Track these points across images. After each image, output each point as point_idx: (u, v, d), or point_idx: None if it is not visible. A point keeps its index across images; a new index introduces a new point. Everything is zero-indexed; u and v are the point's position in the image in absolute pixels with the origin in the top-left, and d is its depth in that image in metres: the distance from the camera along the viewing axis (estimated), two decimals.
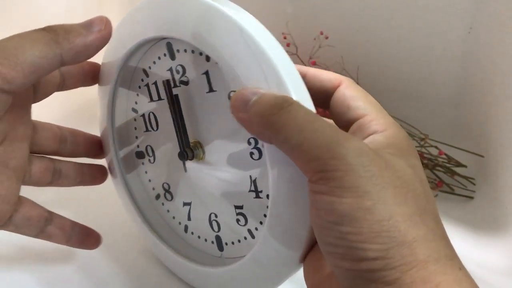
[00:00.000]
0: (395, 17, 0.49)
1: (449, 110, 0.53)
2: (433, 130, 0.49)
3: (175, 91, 0.27)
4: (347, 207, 0.19)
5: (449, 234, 0.22)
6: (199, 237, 0.31)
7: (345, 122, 0.26)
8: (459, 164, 0.48)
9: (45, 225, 0.30)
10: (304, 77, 0.27)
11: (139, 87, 0.30)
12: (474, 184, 0.47)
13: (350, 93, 0.26)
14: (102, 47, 0.26)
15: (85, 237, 0.33)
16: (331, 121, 0.26)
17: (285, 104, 0.21)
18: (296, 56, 0.50)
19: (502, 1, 0.43)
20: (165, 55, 0.27)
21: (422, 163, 0.47)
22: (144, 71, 0.29)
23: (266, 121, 0.21)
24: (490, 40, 0.46)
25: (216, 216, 0.29)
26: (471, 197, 0.46)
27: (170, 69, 0.27)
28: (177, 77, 0.27)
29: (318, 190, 0.20)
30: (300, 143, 0.20)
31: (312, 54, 0.50)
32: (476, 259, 0.39)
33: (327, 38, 0.50)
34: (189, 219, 0.31)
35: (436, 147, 0.48)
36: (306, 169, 0.21)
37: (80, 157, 0.33)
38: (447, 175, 0.48)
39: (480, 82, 0.49)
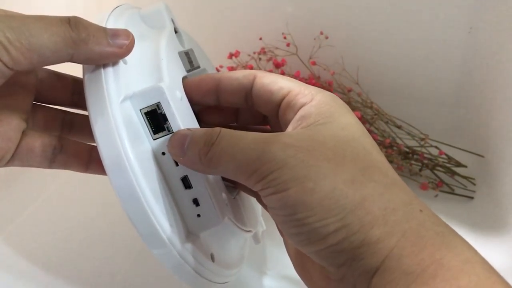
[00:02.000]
0: (395, 17, 0.49)
1: (449, 110, 0.53)
2: (433, 130, 0.49)
3: None
4: (294, 196, 0.20)
5: None
6: None
7: (274, 106, 0.26)
8: (459, 164, 0.48)
9: (55, 154, 0.28)
10: (219, 82, 0.28)
11: None
12: (474, 184, 0.47)
13: (267, 80, 0.27)
14: (114, 61, 0.25)
15: None
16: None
17: (213, 138, 0.23)
18: (296, 56, 0.50)
19: (502, 1, 0.43)
20: None
21: (422, 163, 0.47)
22: None
23: (204, 162, 0.23)
24: (490, 40, 0.46)
25: None
26: (471, 197, 0.46)
27: None
28: None
29: (266, 194, 0.21)
30: (236, 167, 0.22)
31: (312, 54, 0.50)
32: None
33: (327, 38, 0.50)
34: None
35: (436, 147, 0.48)
36: (251, 184, 0.22)
37: None
38: (447, 175, 0.48)
39: (480, 82, 0.49)
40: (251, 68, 0.51)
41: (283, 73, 0.50)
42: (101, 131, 0.23)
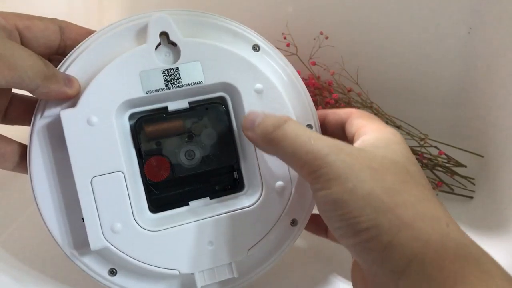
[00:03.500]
0: (395, 17, 0.49)
1: (449, 110, 0.53)
2: (433, 130, 0.49)
3: None
4: (335, 194, 0.23)
5: None
6: None
7: (351, 140, 0.30)
8: (459, 164, 0.48)
9: (22, 159, 0.30)
10: (326, 117, 0.33)
11: None
12: (473, 184, 0.47)
13: (355, 116, 0.31)
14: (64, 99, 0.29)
15: None
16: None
17: (281, 122, 0.26)
18: (296, 56, 0.50)
19: (502, 1, 0.43)
20: None
21: (422, 163, 0.47)
22: None
23: (267, 139, 0.26)
24: (490, 40, 0.46)
25: None
26: (471, 197, 0.46)
27: None
28: None
29: (315, 188, 0.25)
30: (292, 153, 0.25)
31: (312, 54, 0.50)
32: None
33: (327, 38, 0.50)
34: None
35: (436, 147, 0.48)
36: (303, 174, 0.25)
37: None
38: (447, 175, 0.48)
39: (480, 82, 0.49)
40: None
41: None
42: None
